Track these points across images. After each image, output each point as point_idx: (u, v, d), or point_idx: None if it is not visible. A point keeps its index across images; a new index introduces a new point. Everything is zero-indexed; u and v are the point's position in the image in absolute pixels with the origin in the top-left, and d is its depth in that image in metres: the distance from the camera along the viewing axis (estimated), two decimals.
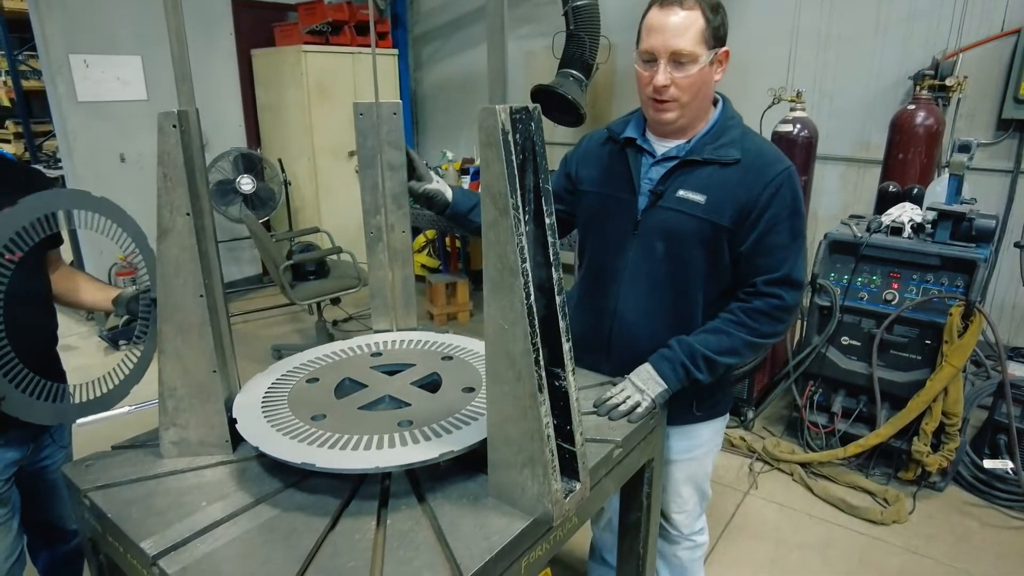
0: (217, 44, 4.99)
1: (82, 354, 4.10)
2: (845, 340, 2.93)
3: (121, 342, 3.90)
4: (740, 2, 4.40)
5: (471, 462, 1.19)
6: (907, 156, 3.31)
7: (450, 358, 1.48)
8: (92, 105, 4.36)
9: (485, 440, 1.12)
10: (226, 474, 1.21)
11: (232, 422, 1.23)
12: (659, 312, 1.50)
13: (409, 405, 1.27)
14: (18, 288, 1.26)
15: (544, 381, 1.01)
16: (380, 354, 1.51)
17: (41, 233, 1.27)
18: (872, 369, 2.81)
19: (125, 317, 1.73)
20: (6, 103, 6.09)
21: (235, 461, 1.24)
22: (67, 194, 1.36)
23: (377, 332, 1.64)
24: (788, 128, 3.56)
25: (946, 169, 2.98)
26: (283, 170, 4.98)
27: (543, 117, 1.00)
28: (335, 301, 4.33)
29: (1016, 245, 2.98)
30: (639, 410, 1.38)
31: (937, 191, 2.92)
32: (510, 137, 0.93)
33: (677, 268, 1.48)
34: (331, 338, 4.21)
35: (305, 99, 4.88)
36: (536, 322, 0.98)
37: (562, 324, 1.05)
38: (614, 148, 1.55)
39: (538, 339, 0.99)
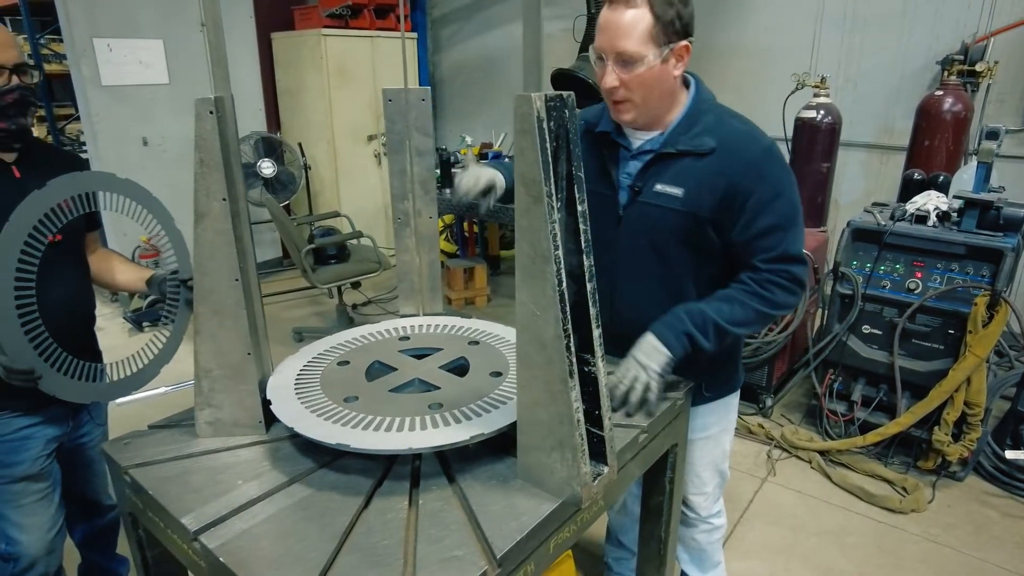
0: (237, 28, 5.00)
1: (107, 335, 4.18)
2: (866, 328, 2.91)
3: (145, 323, 3.98)
4: None
5: (500, 445, 1.21)
6: (933, 143, 3.27)
7: (476, 343, 1.50)
8: (115, 89, 4.40)
9: (514, 424, 1.14)
10: (260, 454, 1.24)
11: (266, 403, 1.26)
12: (654, 303, 1.45)
13: (439, 388, 1.29)
14: (61, 270, 1.30)
15: (575, 367, 1.02)
16: (408, 338, 1.53)
17: (71, 214, 1.31)
18: (893, 358, 2.80)
19: (149, 299, 1.79)
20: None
21: (268, 441, 1.28)
22: (94, 176, 1.40)
23: (403, 316, 1.66)
24: (812, 114, 3.52)
25: (974, 156, 2.93)
26: (303, 154, 5.00)
27: None
28: (355, 285, 4.37)
29: None
30: (651, 395, 1.32)
31: (964, 179, 2.87)
32: (544, 125, 0.94)
33: (664, 261, 1.46)
34: (351, 322, 4.26)
35: (325, 83, 4.89)
36: (567, 308, 0.99)
37: (592, 311, 1.06)
38: (591, 141, 1.50)
39: (569, 325, 1.00)
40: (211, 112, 1.10)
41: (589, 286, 1.05)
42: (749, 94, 4.36)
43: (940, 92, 3.30)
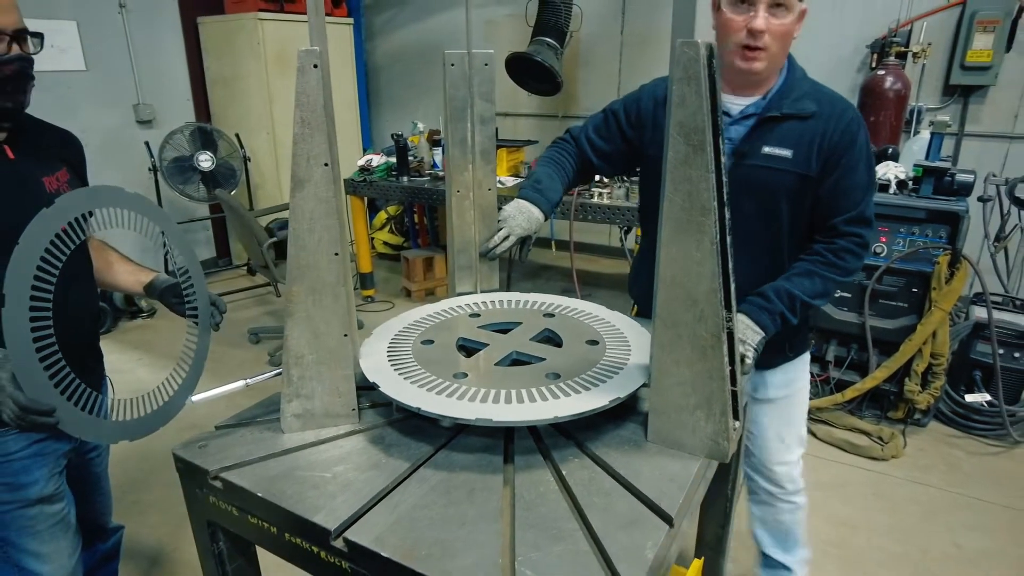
0: (160, 11, 4.61)
1: None
2: (837, 293, 3.09)
3: None
4: None
5: (613, 412, 1.18)
6: (878, 118, 3.51)
7: (551, 315, 1.46)
8: None
9: (643, 386, 1.12)
10: (365, 443, 1.15)
11: (371, 387, 1.16)
12: (754, 266, 1.49)
13: (543, 360, 1.25)
14: (65, 267, 1.12)
15: (726, 322, 1.01)
16: (478, 315, 1.47)
17: (78, 237, 1.13)
18: (864, 318, 3.00)
19: None
20: None
21: (365, 429, 1.18)
22: (103, 191, 1.22)
23: (461, 295, 1.59)
24: None
25: (919, 130, 3.18)
26: (241, 145, 4.69)
27: (517, 86, 0.97)
28: None
29: (980, 199, 3.23)
30: (747, 362, 1.37)
31: (915, 150, 3.11)
32: (708, 72, 0.92)
33: (767, 222, 1.50)
34: None
35: (263, 70, 4.59)
36: (724, 262, 0.98)
37: (731, 264, 1.06)
38: None
39: (723, 280, 0.99)
40: (315, 66, 1.00)
41: (729, 239, 1.04)
42: None
43: (883, 72, 3.55)
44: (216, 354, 1.42)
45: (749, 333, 1.42)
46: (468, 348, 1.31)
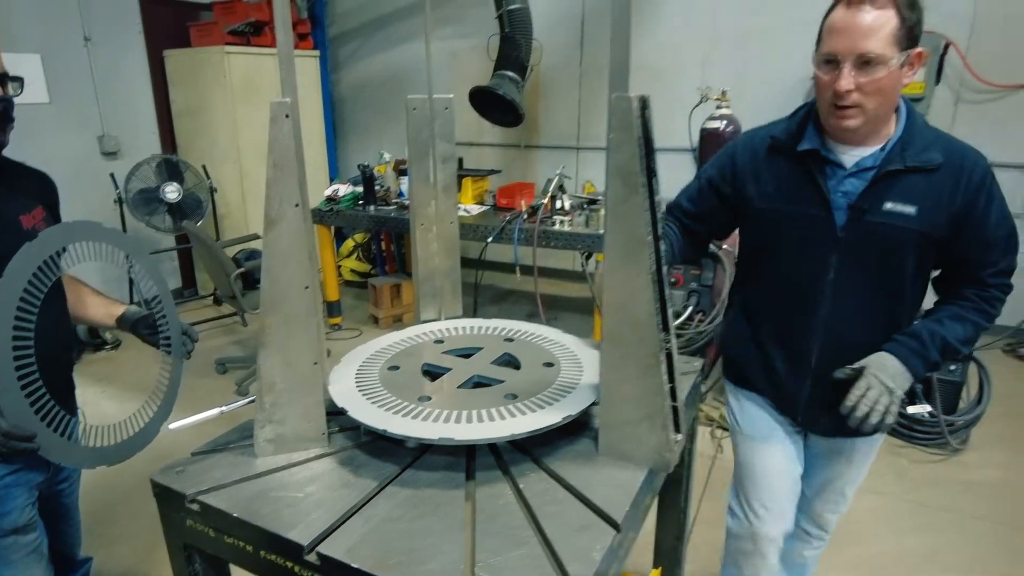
0: (126, 43, 4.65)
1: None
2: None
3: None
4: (655, 8, 4.73)
5: (567, 429, 1.28)
6: None
7: (511, 339, 1.56)
8: None
9: (593, 404, 1.21)
10: (335, 464, 1.22)
11: (340, 412, 1.24)
12: (874, 320, 1.44)
13: (503, 382, 1.34)
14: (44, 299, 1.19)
15: (663, 343, 1.12)
16: (442, 341, 1.55)
17: (56, 269, 1.21)
18: None
19: None
20: None
21: (335, 452, 1.26)
22: (81, 226, 1.30)
23: (425, 322, 1.68)
24: (716, 124, 3.89)
25: None
26: (208, 176, 4.72)
27: (481, 117, 1.08)
28: None
29: None
30: (889, 419, 1.33)
31: None
32: (639, 122, 1.04)
33: (888, 277, 1.41)
34: None
35: (230, 102, 4.65)
36: (661, 289, 1.09)
37: (666, 292, 1.17)
38: (788, 160, 1.44)
39: (660, 304, 1.10)
40: (287, 116, 1.09)
41: (665, 269, 1.15)
42: (653, 109, 4.71)
43: None
44: (183, 384, 1.47)
45: (899, 379, 1.35)
46: (432, 373, 1.40)
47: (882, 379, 1.34)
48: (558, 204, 3.86)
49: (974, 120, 4.14)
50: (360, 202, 4.46)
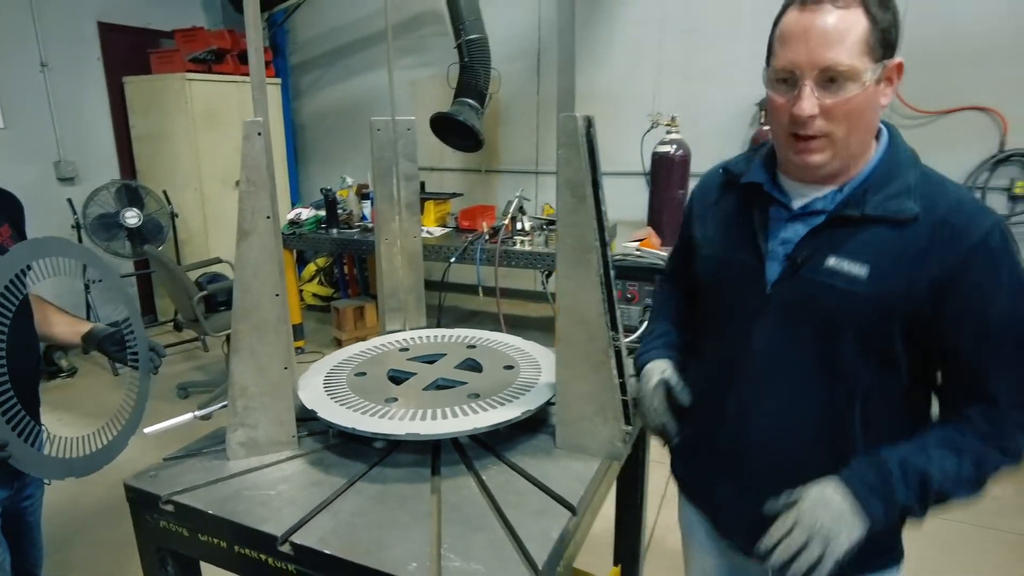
0: (84, 69, 4.64)
1: None
2: None
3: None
4: (608, 39, 4.95)
5: (526, 425, 1.36)
6: None
7: (473, 346, 1.64)
8: None
9: (551, 400, 1.30)
10: (305, 465, 1.27)
11: (310, 416, 1.30)
12: (805, 422, 1.07)
13: (465, 383, 1.42)
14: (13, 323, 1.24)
15: (612, 340, 1.22)
16: (407, 349, 1.63)
17: (24, 285, 1.26)
18: None
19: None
20: None
21: (306, 454, 1.31)
22: (51, 242, 1.35)
23: (390, 332, 1.75)
24: (667, 149, 4.08)
25: None
26: (169, 201, 4.71)
27: (442, 142, 1.16)
28: None
29: None
30: (823, 569, 0.93)
31: None
32: (585, 139, 1.15)
33: (828, 365, 1.04)
34: None
35: (191, 128, 4.67)
36: (609, 291, 1.20)
37: (613, 293, 1.27)
38: (734, 195, 1.17)
39: (608, 305, 1.21)
40: (259, 134, 1.17)
41: (612, 272, 1.26)
42: (607, 135, 4.91)
43: (768, 127, 4.02)
44: (146, 409, 1.51)
45: (847, 522, 0.93)
46: (398, 377, 1.47)
47: (821, 519, 0.94)
48: (519, 225, 3.98)
49: None
50: (323, 225, 4.51)
